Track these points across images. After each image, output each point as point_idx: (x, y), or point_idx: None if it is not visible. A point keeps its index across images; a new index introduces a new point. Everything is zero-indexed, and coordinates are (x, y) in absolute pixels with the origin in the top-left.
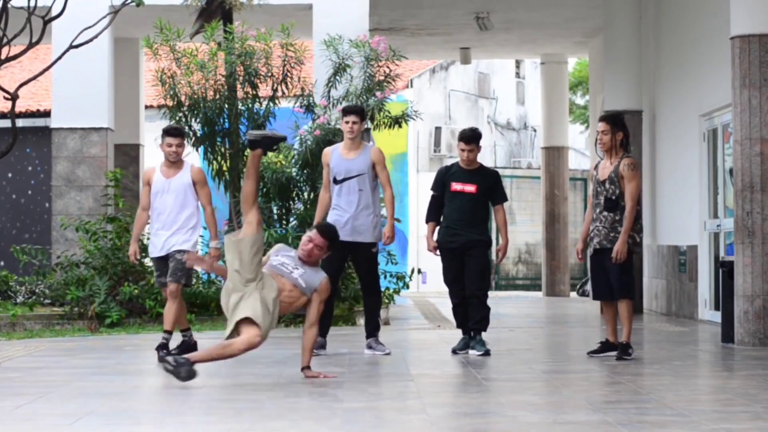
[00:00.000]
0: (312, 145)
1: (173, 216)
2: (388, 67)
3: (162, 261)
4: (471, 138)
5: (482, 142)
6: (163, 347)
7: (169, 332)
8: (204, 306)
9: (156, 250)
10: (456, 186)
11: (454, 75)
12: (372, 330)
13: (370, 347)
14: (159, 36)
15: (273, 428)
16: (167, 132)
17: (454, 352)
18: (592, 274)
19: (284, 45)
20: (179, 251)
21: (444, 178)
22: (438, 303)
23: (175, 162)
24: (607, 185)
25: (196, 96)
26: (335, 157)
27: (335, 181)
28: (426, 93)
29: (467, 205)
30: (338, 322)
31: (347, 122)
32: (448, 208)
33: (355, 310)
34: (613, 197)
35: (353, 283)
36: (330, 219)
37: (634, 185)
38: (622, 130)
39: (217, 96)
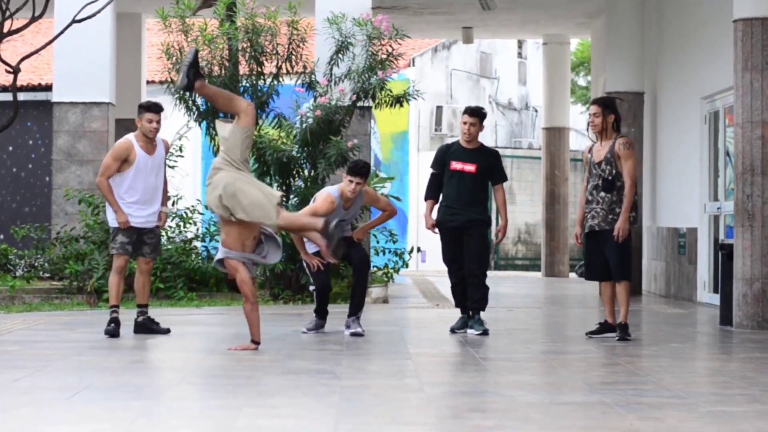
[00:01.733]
0: (312, 124)
1: (152, 192)
2: (390, 45)
3: (132, 231)
4: (475, 111)
5: (484, 122)
6: (152, 321)
7: (146, 305)
8: (203, 282)
9: (133, 221)
10: (456, 165)
11: (456, 54)
12: (354, 309)
13: (347, 326)
14: (174, 7)
15: (270, 405)
16: (148, 108)
17: (453, 331)
18: (588, 255)
19: (290, 23)
20: (156, 227)
21: (444, 156)
22: (437, 282)
23: (151, 138)
24: (603, 166)
25: (202, 71)
26: (338, 208)
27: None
28: (428, 72)
29: (467, 185)
30: (337, 299)
31: (351, 181)
32: (448, 188)
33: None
34: (610, 177)
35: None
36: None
37: (632, 163)
38: (613, 113)
39: (222, 72)
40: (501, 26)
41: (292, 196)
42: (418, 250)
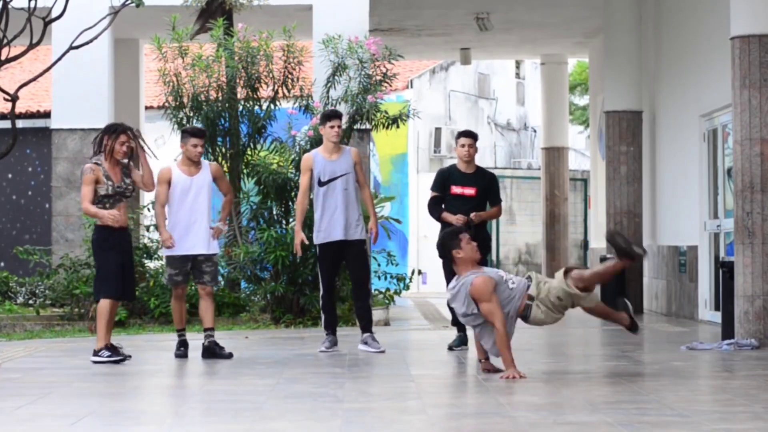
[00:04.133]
0: (306, 146)
1: (198, 215)
2: (384, 66)
3: (185, 260)
4: (471, 133)
5: (482, 143)
6: (217, 345)
7: (212, 328)
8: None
9: (182, 249)
10: (456, 189)
11: (455, 75)
12: (366, 325)
13: (365, 342)
14: (170, 34)
15: (273, 429)
16: (192, 133)
17: (450, 348)
18: None
19: (285, 48)
20: (214, 255)
21: (444, 180)
22: (438, 303)
23: (196, 161)
24: None
25: (199, 97)
26: (318, 161)
27: (320, 183)
28: (426, 93)
29: (467, 208)
30: (338, 322)
31: (332, 127)
32: (449, 210)
33: (354, 311)
34: None
35: (350, 284)
36: (318, 221)
37: None
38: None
39: (219, 95)
40: (498, 47)
41: (291, 219)
42: (419, 272)
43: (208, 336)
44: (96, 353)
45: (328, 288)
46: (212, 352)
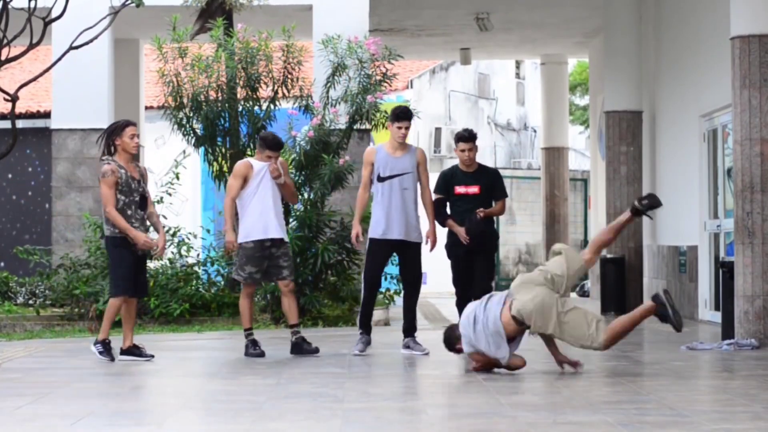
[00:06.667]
0: (306, 147)
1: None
2: (384, 66)
3: (261, 259)
4: (470, 137)
5: (482, 143)
6: (305, 341)
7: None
8: (204, 306)
9: (266, 233)
10: (460, 189)
11: (455, 75)
12: (409, 329)
13: (407, 347)
14: (170, 34)
15: (273, 429)
16: (270, 147)
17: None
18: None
19: (285, 48)
20: (286, 244)
21: (447, 181)
22: (439, 303)
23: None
24: None
25: (198, 97)
26: (381, 155)
27: (379, 179)
28: (426, 93)
29: (472, 206)
30: (338, 322)
31: (400, 128)
32: (455, 211)
33: (354, 310)
34: None
35: (352, 284)
36: (377, 217)
37: None
38: None
39: (219, 96)
40: (498, 47)
41: (291, 219)
42: None
43: (295, 333)
44: (94, 344)
45: (373, 285)
46: (300, 348)
